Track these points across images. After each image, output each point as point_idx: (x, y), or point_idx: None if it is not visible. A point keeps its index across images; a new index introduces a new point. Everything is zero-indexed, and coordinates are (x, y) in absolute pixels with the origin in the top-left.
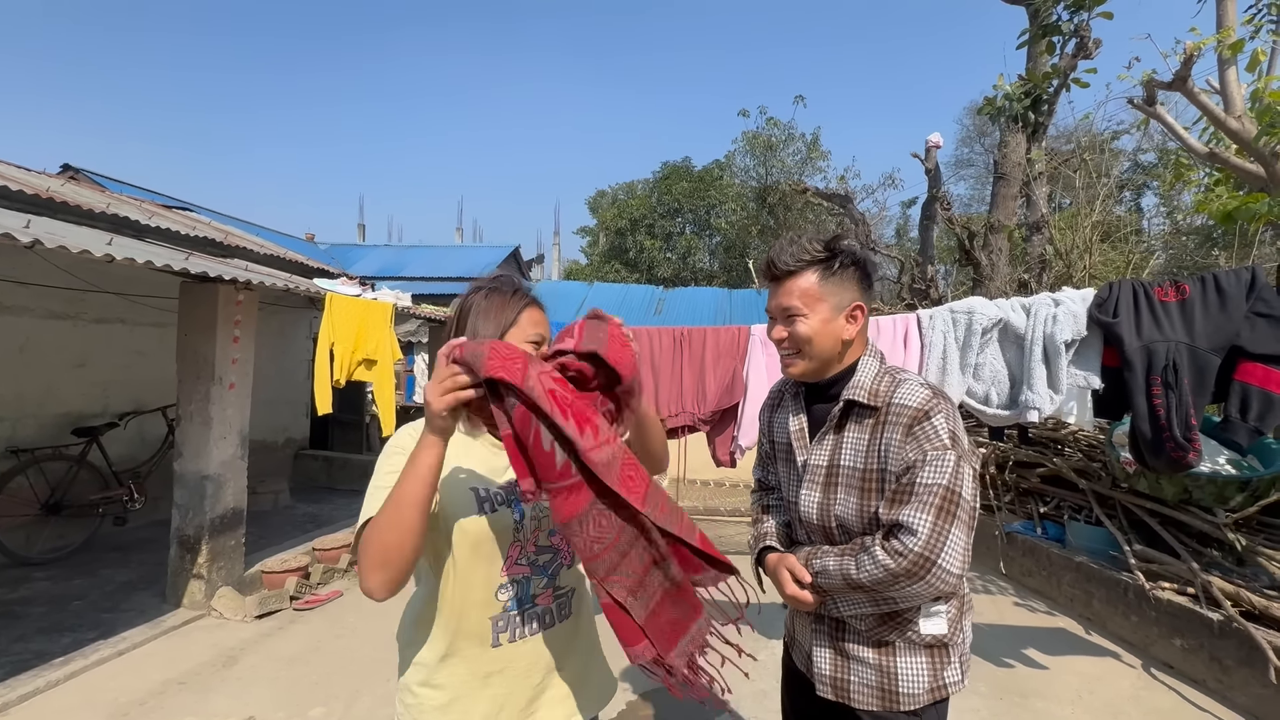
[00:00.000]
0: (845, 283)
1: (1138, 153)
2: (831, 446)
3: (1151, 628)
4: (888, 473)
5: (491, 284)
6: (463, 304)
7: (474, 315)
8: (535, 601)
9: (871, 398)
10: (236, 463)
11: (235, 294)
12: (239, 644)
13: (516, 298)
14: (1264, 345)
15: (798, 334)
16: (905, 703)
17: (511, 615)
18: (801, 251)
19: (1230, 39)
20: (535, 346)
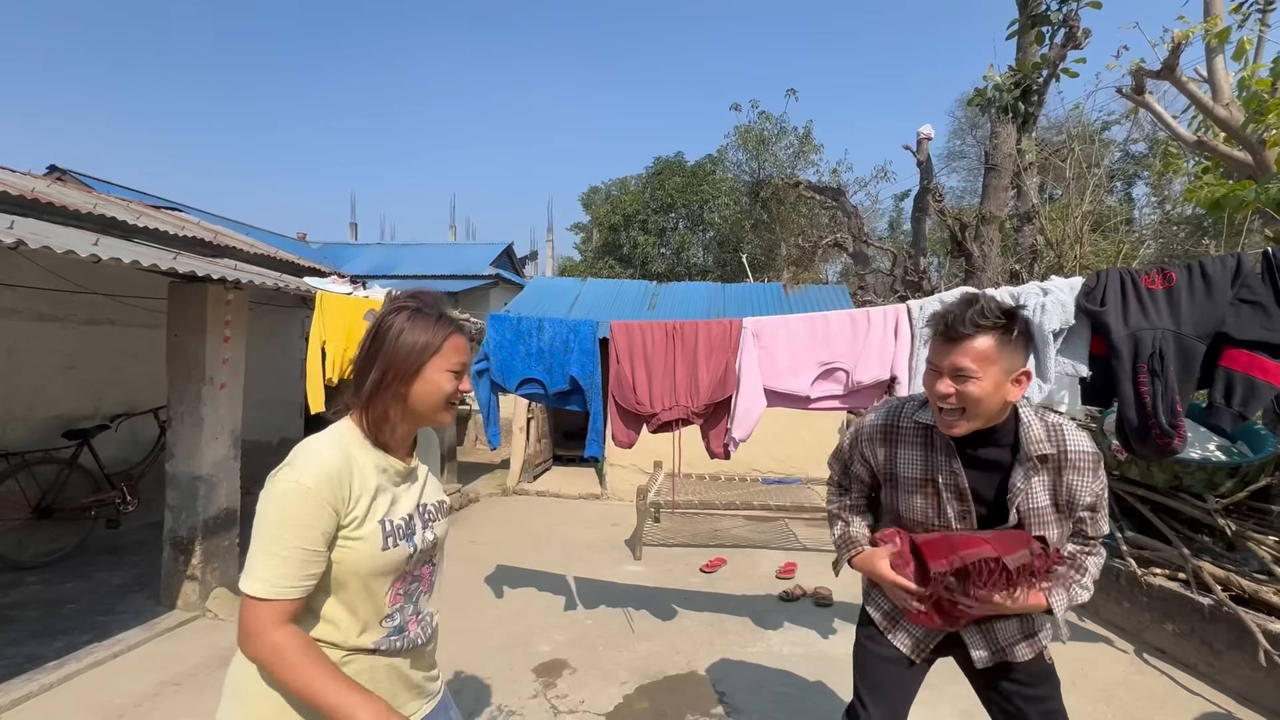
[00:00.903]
0: (1017, 350)
1: (1128, 142)
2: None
3: (1143, 613)
4: (1076, 505)
5: (415, 304)
6: (382, 323)
7: (393, 336)
8: (407, 628)
9: (1049, 447)
10: (229, 463)
11: (225, 293)
12: (233, 644)
13: (443, 324)
14: (1248, 331)
15: (968, 394)
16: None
17: (391, 640)
18: (981, 316)
19: (1217, 27)
20: (455, 376)
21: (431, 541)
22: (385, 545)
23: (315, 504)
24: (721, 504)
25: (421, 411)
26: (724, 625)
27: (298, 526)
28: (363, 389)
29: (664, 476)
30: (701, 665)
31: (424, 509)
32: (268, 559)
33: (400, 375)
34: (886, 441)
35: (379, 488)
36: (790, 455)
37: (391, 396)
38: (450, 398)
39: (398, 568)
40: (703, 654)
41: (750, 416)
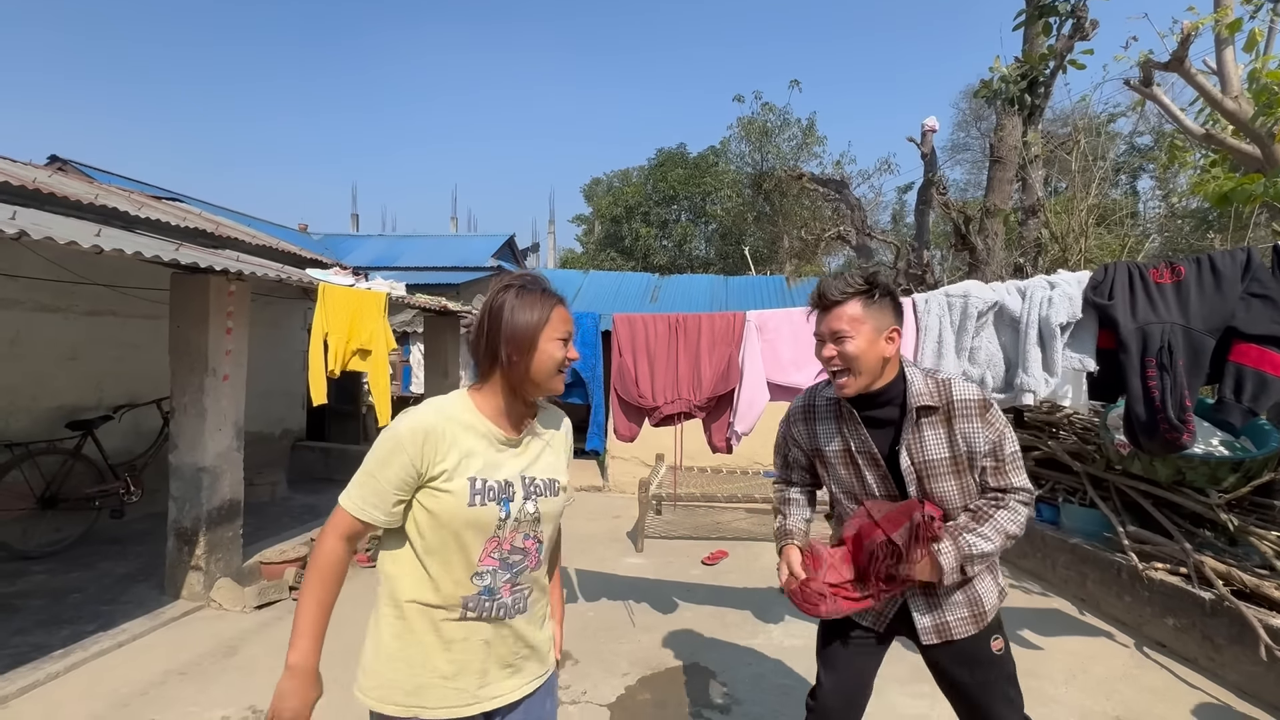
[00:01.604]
0: (883, 309)
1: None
2: (912, 449)
3: (1144, 608)
4: (975, 454)
5: (521, 282)
6: (493, 301)
7: (508, 313)
8: (499, 593)
9: (934, 399)
10: (232, 454)
11: (227, 285)
12: (239, 634)
13: (547, 297)
14: (1258, 326)
15: (846, 352)
16: (989, 615)
17: (481, 599)
18: (846, 285)
19: (1228, 18)
20: (564, 344)
21: (532, 514)
22: (472, 501)
23: (397, 450)
24: (723, 497)
25: (539, 380)
26: (725, 617)
27: (382, 462)
28: (491, 369)
29: (666, 469)
30: (703, 657)
31: (530, 481)
32: (357, 479)
33: (519, 349)
34: (808, 419)
35: (475, 449)
36: None
37: (513, 369)
38: (561, 365)
39: (488, 527)
40: (704, 646)
41: (753, 410)
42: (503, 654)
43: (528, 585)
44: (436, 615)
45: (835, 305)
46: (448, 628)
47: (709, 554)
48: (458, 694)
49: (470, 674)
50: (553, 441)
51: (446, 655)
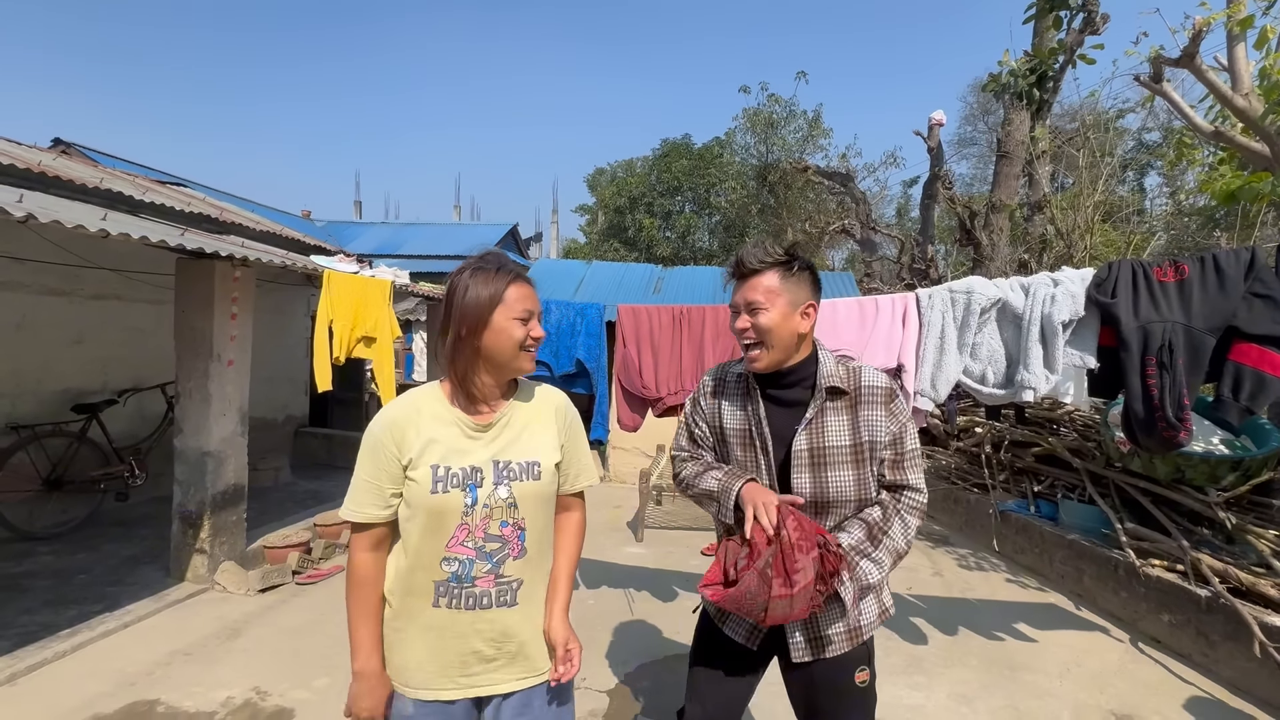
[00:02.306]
0: (801, 283)
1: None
2: (813, 432)
3: (1140, 603)
4: (876, 443)
5: (477, 263)
6: (452, 284)
7: (460, 293)
8: (475, 582)
9: (843, 383)
10: (237, 439)
11: (232, 270)
12: (243, 617)
13: (501, 274)
14: (1260, 326)
15: (760, 324)
16: (865, 633)
17: (451, 587)
18: (765, 254)
19: (1240, 14)
20: (523, 323)
21: (506, 499)
22: (434, 489)
23: (375, 446)
24: None
25: (499, 360)
26: None
27: (364, 462)
28: (444, 349)
29: (666, 460)
30: None
31: (503, 465)
32: (351, 488)
33: (471, 329)
34: (716, 394)
35: (438, 437)
36: None
37: (469, 350)
38: (523, 343)
39: (453, 514)
40: None
41: None
42: (482, 646)
43: (515, 577)
44: (414, 602)
45: (752, 274)
46: (425, 615)
47: (709, 544)
48: (434, 677)
49: (447, 662)
50: (534, 420)
51: (424, 641)
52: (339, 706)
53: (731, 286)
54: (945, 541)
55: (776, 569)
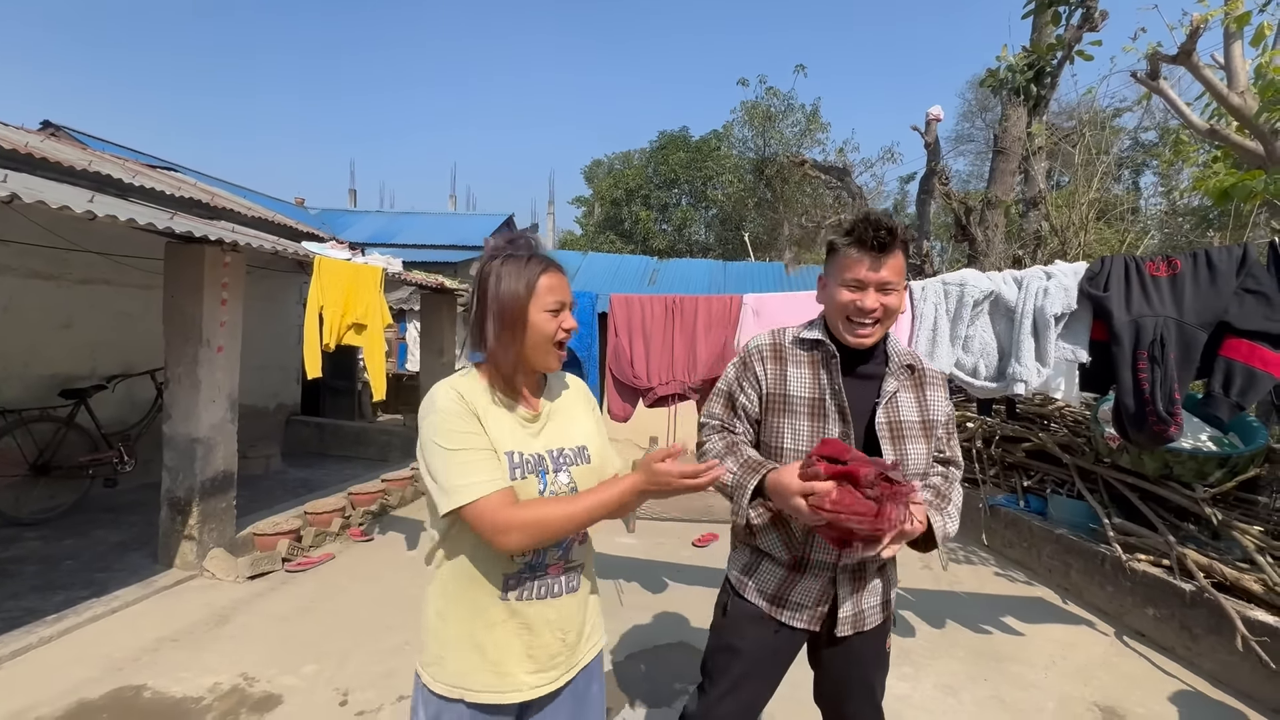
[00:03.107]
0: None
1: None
2: (891, 407)
3: (1126, 597)
4: (935, 422)
5: (508, 249)
6: (482, 272)
7: (493, 285)
8: (547, 570)
9: (914, 361)
10: (226, 426)
11: (222, 256)
12: (231, 603)
13: (534, 264)
14: (1251, 321)
15: (890, 305)
16: (892, 606)
17: (523, 576)
18: (902, 232)
19: (1238, 10)
20: (554, 315)
21: (568, 485)
22: (513, 475)
23: (460, 418)
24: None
25: (532, 357)
26: (713, 598)
27: (463, 437)
28: (487, 346)
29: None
30: (690, 636)
31: (558, 453)
32: (460, 469)
33: (506, 324)
34: (776, 359)
35: (505, 424)
36: None
37: (503, 349)
38: (554, 338)
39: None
40: (692, 625)
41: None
42: (550, 640)
43: (579, 561)
44: (480, 595)
45: (891, 253)
46: (491, 610)
47: (699, 536)
48: (501, 679)
49: (514, 658)
50: (570, 407)
51: (491, 638)
52: (327, 693)
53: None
54: None
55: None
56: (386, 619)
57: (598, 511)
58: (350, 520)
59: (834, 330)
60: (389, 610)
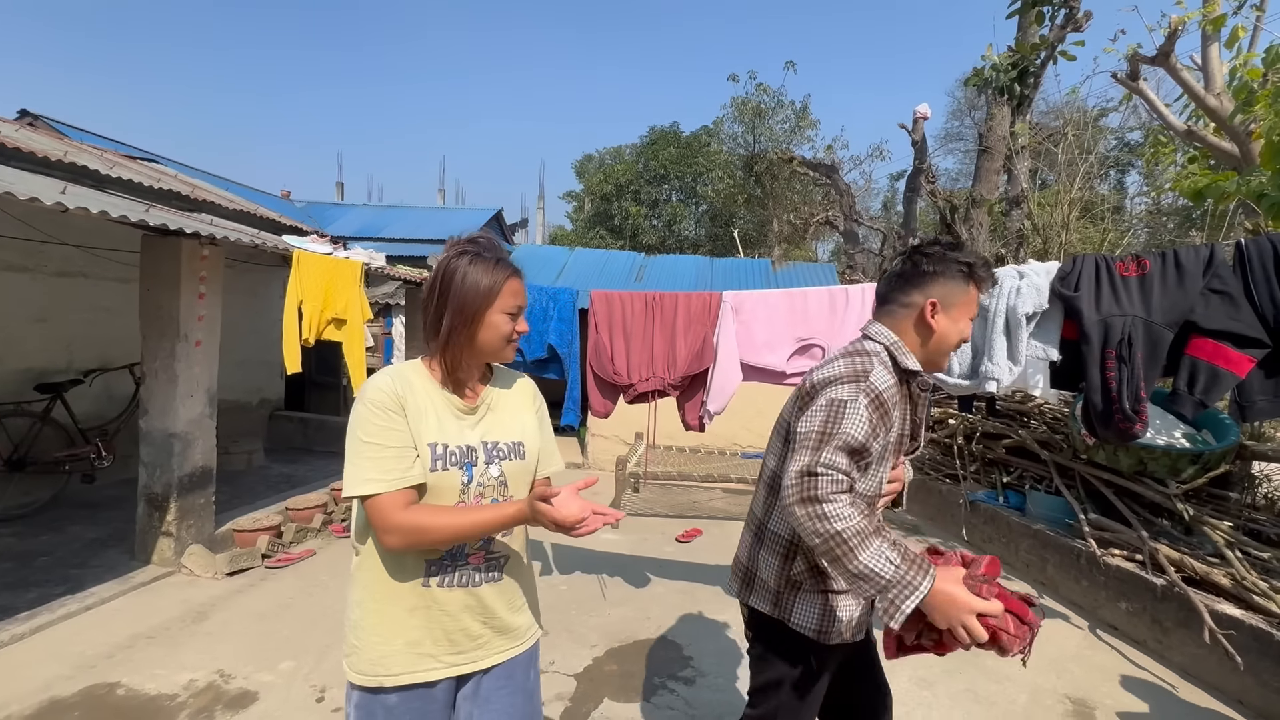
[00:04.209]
0: None
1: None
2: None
3: (1100, 591)
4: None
5: (474, 249)
6: (446, 267)
7: (458, 280)
8: (468, 560)
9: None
10: (205, 421)
11: (200, 249)
12: (209, 600)
13: (500, 267)
14: (1216, 321)
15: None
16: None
17: (445, 564)
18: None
19: (1214, 13)
20: (512, 317)
21: (497, 477)
22: (434, 466)
23: (382, 411)
24: (700, 476)
25: (484, 351)
26: (696, 594)
27: (379, 431)
28: (437, 336)
29: (644, 447)
30: (672, 631)
31: (492, 445)
32: (365, 464)
33: (465, 320)
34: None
35: (433, 415)
36: (770, 430)
37: (462, 339)
38: (509, 338)
39: (451, 492)
40: (673, 620)
41: (726, 390)
42: (471, 623)
43: (502, 552)
44: (402, 583)
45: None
46: (412, 595)
47: (683, 532)
48: (420, 659)
49: (435, 641)
50: (513, 403)
51: (410, 622)
52: (304, 690)
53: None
54: (916, 530)
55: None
56: None
57: (481, 529)
58: (333, 516)
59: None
60: None
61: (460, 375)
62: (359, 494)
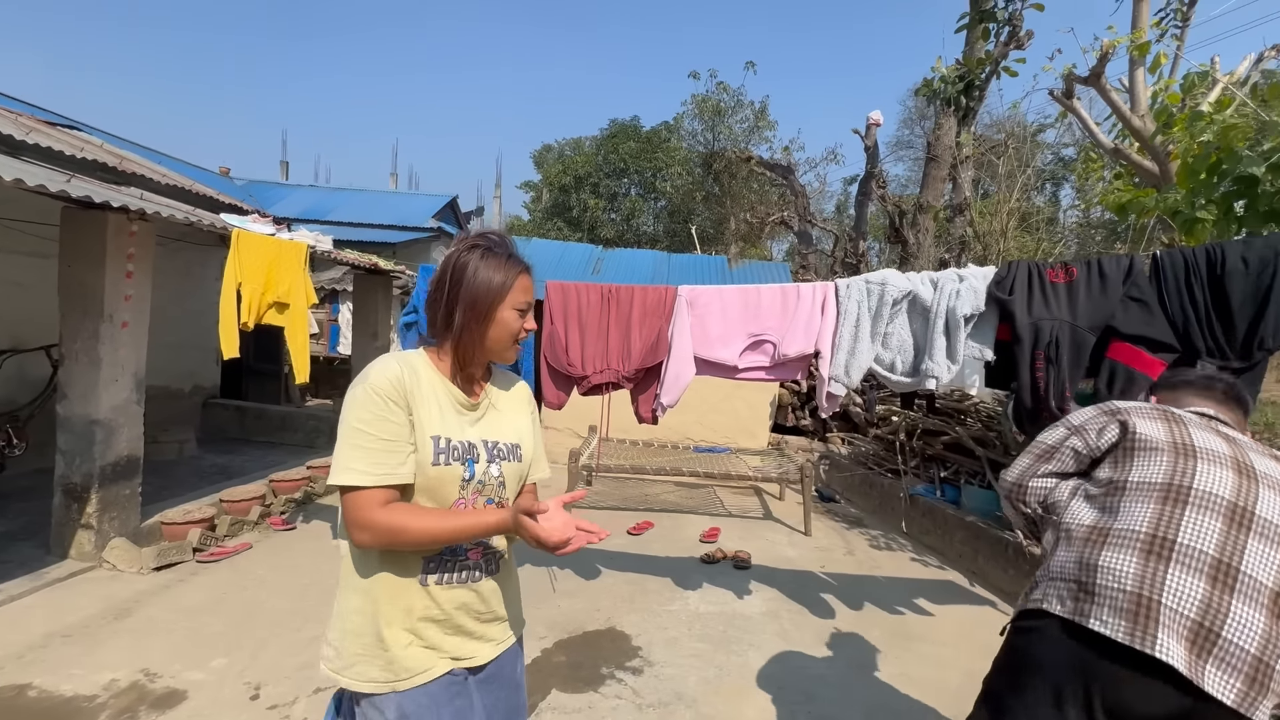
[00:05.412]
0: None
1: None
2: None
3: (1025, 580)
4: None
5: (488, 243)
6: (456, 260)
7: (470, 274)
8: (467, 555)
9: None
10: (131, 407)
11: (128, 224)
12: (134, 596)
13: (513, 263)
14: (1133, 326)
15: None
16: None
17: (445, 560)
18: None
19: (1141, 39)
20: (520, 314)
21: (497, 477)
22: (436, 460)
23: (383, 400)
24: (653, 469)
25: (493, 350)
26: (646, 585)
27: (374, 421)
28: (448, 330)
29: (598, 440)
30: (621, 622)
31: (493, 445)
32: (353, 452)
33: (476, 316)
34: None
35: (438, 408)
36: (723, 425)
37: (467, 335)
38: (517, 336)
39: (452, 486)
40: (623, 611)
41: (679, 383)
42: (468, 620)
43: (498, 549)
44: (397, 581)
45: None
46: (410, 593)
47: (635, 524)
48: (425, 655)
49: (436, 635)
50: (511, 405)
51: (409, 621)
52: (237, 687)
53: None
54: (860, 523)
55: None
56: (305, 609)
57: (463, 534)
58: (271, 508)
59: None
60: (309, 600)
61: (472, 370)
62: (342, 482)
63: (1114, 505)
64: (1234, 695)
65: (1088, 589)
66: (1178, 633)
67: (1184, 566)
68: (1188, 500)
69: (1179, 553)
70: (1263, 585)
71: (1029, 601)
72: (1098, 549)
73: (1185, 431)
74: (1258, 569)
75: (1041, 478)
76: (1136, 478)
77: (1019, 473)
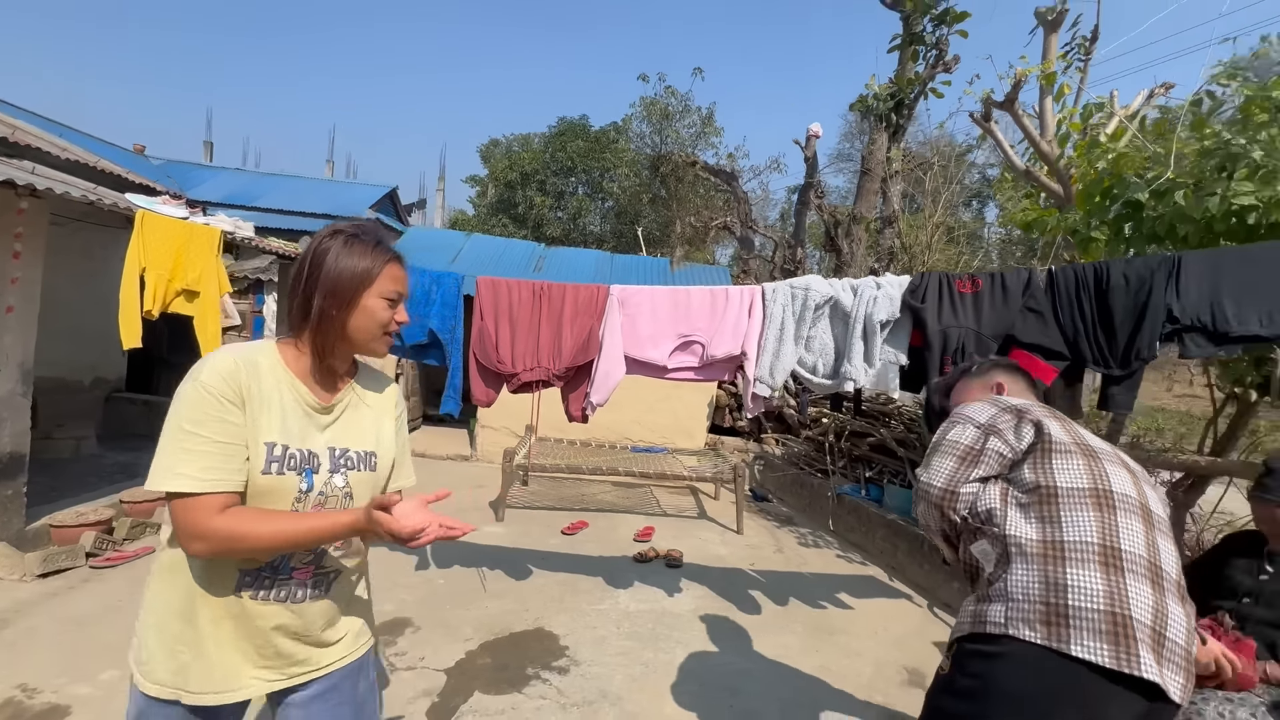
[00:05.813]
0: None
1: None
2: None
3: (937, 574)
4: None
5: (353, 231)
6: (317, 247)
7: (330, 260)
8: (292, 574)
9: None
10: (15, 400)
11: (17, 201)
12: (13, 605)
13: (379, 251)
14: (1030, 335)
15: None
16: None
17: (262, 575)
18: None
19: (1049, 69)
20: (391, 305)
21: (342, 488)
22: (267, 468)
23: (216, 399)
24: (589, 469)
25: (357, 340)
26: (577, 584)
27: (206, 422)
28: (305, 320)
29: (533, 440)
30: (549, 622)
31: (340, 453)
32: (181, 455)
33: (338, 302)
34: None
35: (277, 409)
36: (660, 425)
37: (327, 324)
38: (386, 327)
39: (284, 499)
40: (552, 611)
41: (609, 381)
42: (283, 640)
43: (333, 568)
44: (210, 592)
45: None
46: (220, 604)
47: (569, 524)
48: (225, 677)
49: (242, 655)
50: (374, 408)
51: (217, 634)
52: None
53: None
54: (790, 521)
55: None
56: None
57: (311, 539)
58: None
59: None
60: None
61: (333, 363)
62: (166, 487)
63: (1053, 515)
64: (1181, 692)
65: (1060, 611)
66: (1148, 644)
67: (1134, 574)
68: (1114, 504)
69: (1127, 561)
70: (1172, 577)
71: (986, 624)
72: (1059, 565)
73: (1075, 429)
74: (1168, 562)
75: (970, 483)
76: (1064, 483)
77: (947, 477)
